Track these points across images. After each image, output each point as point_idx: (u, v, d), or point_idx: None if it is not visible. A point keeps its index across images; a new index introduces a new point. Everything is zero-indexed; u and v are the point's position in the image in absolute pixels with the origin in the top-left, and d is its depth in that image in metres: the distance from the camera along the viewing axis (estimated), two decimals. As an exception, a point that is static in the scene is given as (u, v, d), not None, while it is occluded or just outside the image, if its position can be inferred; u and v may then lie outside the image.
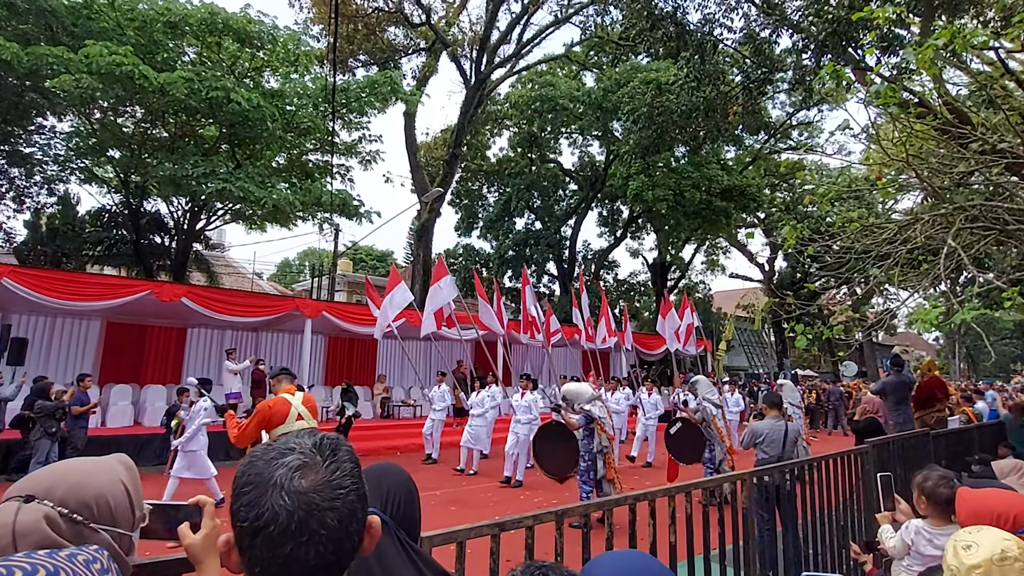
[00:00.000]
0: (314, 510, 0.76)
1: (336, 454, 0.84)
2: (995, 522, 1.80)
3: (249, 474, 0.80)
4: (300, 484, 0.77)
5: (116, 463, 0.99)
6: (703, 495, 2.98)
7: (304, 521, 0.76)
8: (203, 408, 7.22)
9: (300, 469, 0.79)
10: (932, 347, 50.15)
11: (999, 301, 4.34)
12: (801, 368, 30.96)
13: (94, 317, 12.36)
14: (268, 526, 0.75)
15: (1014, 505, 1.88)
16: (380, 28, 22.01)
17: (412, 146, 21.63)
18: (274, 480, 0.78)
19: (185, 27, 13.60)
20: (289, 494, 0.76)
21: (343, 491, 0.80)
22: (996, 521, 1.82)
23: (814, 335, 4.94)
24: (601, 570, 0.97)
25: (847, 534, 4.00)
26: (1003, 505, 1.89)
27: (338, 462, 0.83)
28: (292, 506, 0.76)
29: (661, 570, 0.97)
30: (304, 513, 0.76)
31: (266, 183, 14.24)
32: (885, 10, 5.34)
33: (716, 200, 21.24)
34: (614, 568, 0.97)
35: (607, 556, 1.04)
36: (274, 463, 0.80)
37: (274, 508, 0.76)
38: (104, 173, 16.78)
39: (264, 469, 0.79)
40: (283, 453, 0.81)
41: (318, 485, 0.78)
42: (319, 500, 0.77)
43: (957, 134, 5.37)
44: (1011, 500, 1.92)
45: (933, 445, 5.46)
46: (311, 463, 0.80)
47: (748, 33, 10.26)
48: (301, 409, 4.54)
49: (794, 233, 5.50)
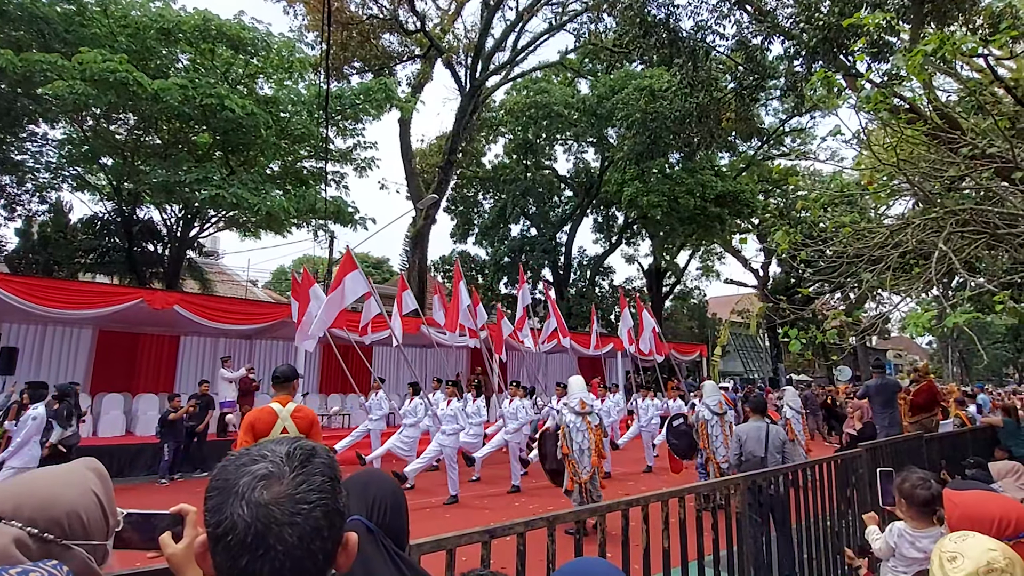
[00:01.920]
0: (272, 524, 0.73)
1: (307, 466, 0.80)
2: (994, 527, 1.71)
3: (218, 478, 0.78)
4: (261, 496, 0.74)
5: (86, 471, 0.96)
6: (697, 500, 2.96)
7: (261, 535, 0.73)
8: (31, 417, 6.24)
9: (264, 479, 0.76)
10: (925, 351, 50.37)
11: (991, 305, 4.36)
12: (796, 373, 31.02)
13: (86, 325, 12.26)
14: (227, 535, 0.73)
15: (1012, 509, 1.78)
16: (375, 35, 22.08)
17: (407, 153, 21.65)
18: (237, 488, 0.75)
19: (178, 34, 13.59)
20: (249, 505, 0.74)
21: (307, 506, 0.76)
22: (996, 526, 1.72)
23: (808, 339, 4.95)
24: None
25: (841, 539, 3.99)
26: (1001, 510, 1.78)
27: (307, 475, 0.79)
28: (250, 517, 0.73)
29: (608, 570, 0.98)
30: (262, 526, 0.73)
31: (260, 190, 14.20)
32: (875, 16, 5.39)
33: (710, 206, 21.34)
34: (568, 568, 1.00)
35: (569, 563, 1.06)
36: (242, 470, 0.77)
37: (233, 517, 0.73)
38: (96, 180, 16.70)
39: (232, 475, 0.77)
40: (254, 460, 0.79)
41: (280, 498, 0.75)
42: (278, 514, 0.74)
43: (947, 139, 5.41)
44: (1007, 504, 1.83)
45: (927, 448, 5.47)
46: (277, 474, 0.77)
47: (740, 40, 10.33)
48: (288, 423, 4.15)
49: (787, 238, 5.52)
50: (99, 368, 12.66)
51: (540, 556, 2.28)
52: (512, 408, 9.21)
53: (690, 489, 2.98)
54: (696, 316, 33.49)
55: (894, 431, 6.84)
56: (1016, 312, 5.12)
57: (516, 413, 9.14)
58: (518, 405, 9.29)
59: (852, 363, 30.06)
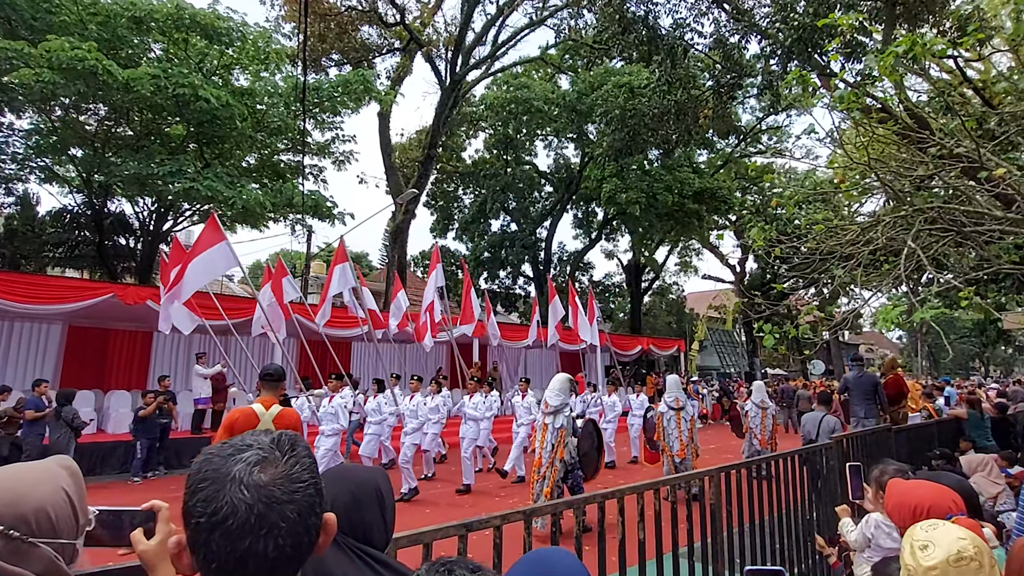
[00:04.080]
0: (274, 503, 0.78)
1: (295, 449, 0.85)
2: (912, 513, 1.87)
3: (206, 470, 0.80)
4: (260, 478, 0.78)
5: (57, 468, 0.95)
6: (668, 491, 3.01)
7: (264, 514, 0.77)
8: None
9: (259, 464, 0.80)
10: (895, 345, 51.69)
11: (957, 301, 4.49)
12: (771, 367, 31.58)
13: (55, 321, 11.95)
14: (227, 520, 0.76)
15: (927, 498, 1.90)
16: (353, 27, 21.81)
17: (387, 147, 21.47)
18: (232, 475, 0.78)
19: (151, 23, 13.26)
20: (248, 487, 0.77)
21: (302, 484, 0.81)
22: (913, 512, 1.87)
23: (782, 334, 5.04)
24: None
25: (812, 528, 4.09)
26: (918, 498, 1.91)
27: (297, 457, 0.84)
28: (252, 499, 0.76)
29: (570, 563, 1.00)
30: (264, 506, 0.77)
31: (235, 183, 13.96)
32: (849, 17, 5.49)
33: (688, 203, 21.57)
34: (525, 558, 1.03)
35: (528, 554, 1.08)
36: (232, 459, 0.80)
37: (233, 502, 0.76)
38: (66, 172, 16.25)
39: (221, 465, 0.80)
40: (240, 450, 0.82)
41: (278, 478, 0.79)
42: (279, 493, 0.78)
43: (917, 139, 5.54)
44: (931, 494, 1.93)
45: (895, 440, 5.62)
46: (270, 458, 0.82)
47: (718, 38, 10.42)
48: (269, 427, 3.81)
49: (763, 235, 5.61)
50: (69, 365, 12.36)
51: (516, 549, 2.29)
52: (526, 403, 9.27)
53: (664, 481, 3.03)
54: (674, 311, 33.87)
55: (870, 423, 7.01)
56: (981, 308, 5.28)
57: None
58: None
59: (825, 357, 30.72)
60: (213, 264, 7.78)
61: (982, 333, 36.51)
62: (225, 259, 7.92)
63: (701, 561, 3.20)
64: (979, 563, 1.34)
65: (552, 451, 5.98)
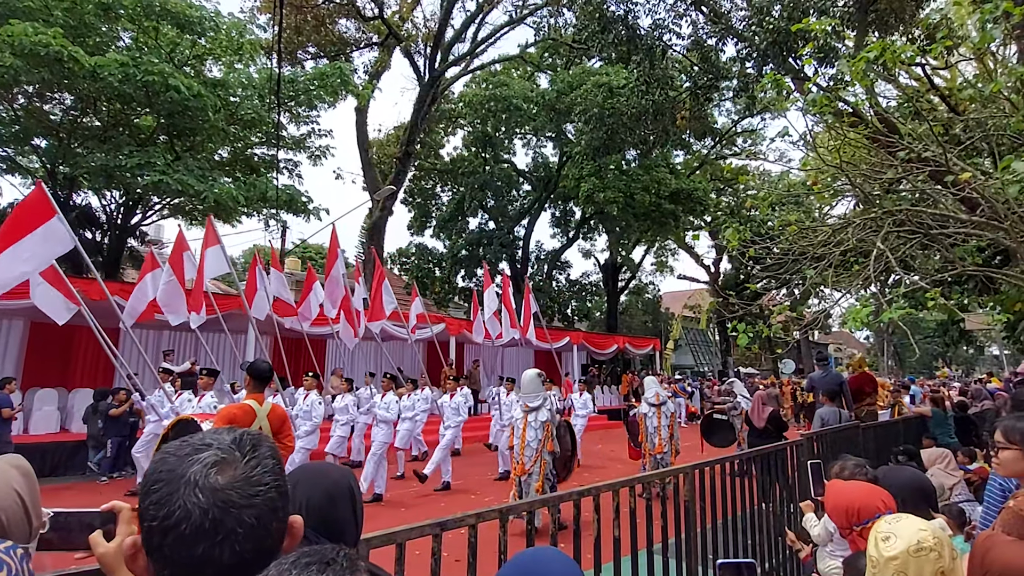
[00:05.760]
0: (231, 507, 0.74)
1: (257, 450, 0.81)
2: (845, 514, 1.95)
3: (160, 471, 0.76)
4: (216, 481, 0.75)
5: (8, 468, 0.91)
6: (643, 489, 3.03)
7: (220, 520, 0.73)
8: None
9: (216, 465, 0.76)
10: (863, 345, 53.00)
11: (923, 301, 4.61)
12: (743, 366, 32.11)
13: (16, 317, 11.54)
14: (180, 525, 0.72)
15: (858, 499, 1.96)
16: (331, 20, 21.51)
17: (364, 143, 21.23)
18: (187, 477, 0.74)
19: (119, 9, 12.87)
20: (203, 491, 0.73)
21: (263, 487, 0.77)
22: (846, 514, 1.95)
23: (755, 334, 5.12)
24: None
25: (783, 523, 4.16)
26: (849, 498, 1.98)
27: (259, 458, 0.80)
28: (207, 503, 0.73)
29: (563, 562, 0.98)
30: (220, 511, 0.73)
31: (207, 177, 13.65)
32: (822, 22, 5.60)
33: (665, 203, 21.77)
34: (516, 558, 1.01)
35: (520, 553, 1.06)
36: (188, 459, 0.76)
37: (187, 506, 0.72)
38: (29, 163, 15.69)
39: (177, 466, 0.76)
40: (198, 449, 0.78)
41: (236, 481, 0.76)
42: (236, 497, 0.75)
43: (886, 143, 5.67)
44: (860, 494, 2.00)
45: (863, 437, 5.75)
46: (229, 459, 0.78)
47: (696, 40, 10.54)
48: (264, 423, 4.00)
49: (737, 236, 5.69)
50: (31, 362, 11.96)
51: (492, 548, 2.28)
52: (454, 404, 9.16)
53: (640, 479, 3.05)
54: (650, 311, 34.18)
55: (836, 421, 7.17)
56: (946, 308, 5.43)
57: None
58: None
59: (796, 356, 31.33)
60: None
61: (945, 333, 37.58)
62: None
63: (675, 557, 3.23)
64: (938, 553, 1.39)
65: (539, 445, 6.03)
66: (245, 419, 3.94)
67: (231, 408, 4.15)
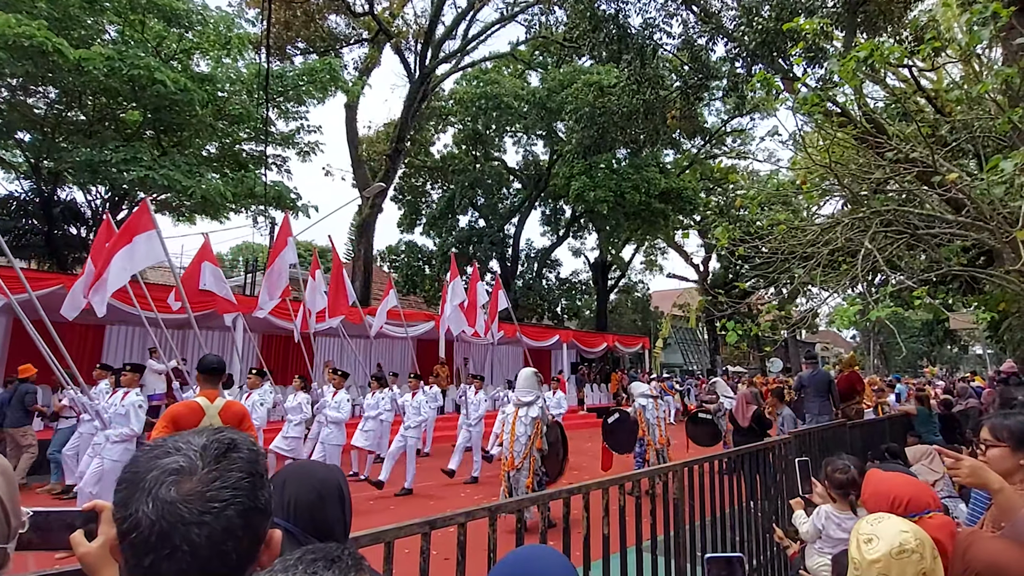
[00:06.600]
0: (178, 523, 0.69)
1: (222, 461, 0.75)
2: (890, 504, 1.90)
3: (129, 470, 0.74)
4: (168, 493, 0.70)
5: (-16, 466, 0.88)
6: (632, 487, 3.03)
7: (166, 534, 0.68)
8: None
9: (175, 474, 0.72)
10: (850, 344, 53.53)
11: (910, 301, 4.65)
12: (732, 365, 32.33)
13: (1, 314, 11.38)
14: (131, 532, 0.69)
15: (907, 491, 1.95)
16: (320, 15, 21.34)
17: (354, 139, 21.10)
18: (145, 483, 0.71)
19: (105, 2, 12.69)
20: (156, 501, 0.69)
21: (219, 505, 0.72)
22: (891, 504, 1.90)
23: (743, 332, 5.15)
24: None
25: (771, 519, 4.18)
26: (898, 490, 1.96)
27: (221, 470, 0.74)
28: (155, 515, 0.69)
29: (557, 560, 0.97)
30: (167, 525, 0.69)
31: (195, 172, 13.50)
32: (812, 22, 5.62)
33: (655, 202, 21.85)
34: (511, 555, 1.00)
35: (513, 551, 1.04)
36: (153, 462, 0.73)
37: (138, 515, 0.69)
38: (12, 158, 15.46)
39: (142, 467, 0.73)
40: (167, 452, 0.74)
41: (189, 496, 0.71)
42: (186, 513, 0.70)
43: (874, 143, 5.72)
44: (909, 485, 1.99)
45: (850, 435, 5.80)
46: (188, 469, 0.73)
47: (686, 39, 10.57)
48: (215, 421, 3.73)
49: (726, 235, 5.71)
50: (14, 360, 11.77)
51: (481, 545, 2.27)
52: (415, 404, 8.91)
53: (629, 476, 3.05)
54: (640, 309, 34.30)
55: (824, 419, 7.22)
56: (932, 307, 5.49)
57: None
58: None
59: (784, 355, 31.59)
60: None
61: (930, 333, 38.09)
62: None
63: (664, 554, 3.23)
64: (920, 555, 1.38)
65: (529, 441, 6.07)
66: (191, 417, 3.70)
67: (176, 407, 3.93)
